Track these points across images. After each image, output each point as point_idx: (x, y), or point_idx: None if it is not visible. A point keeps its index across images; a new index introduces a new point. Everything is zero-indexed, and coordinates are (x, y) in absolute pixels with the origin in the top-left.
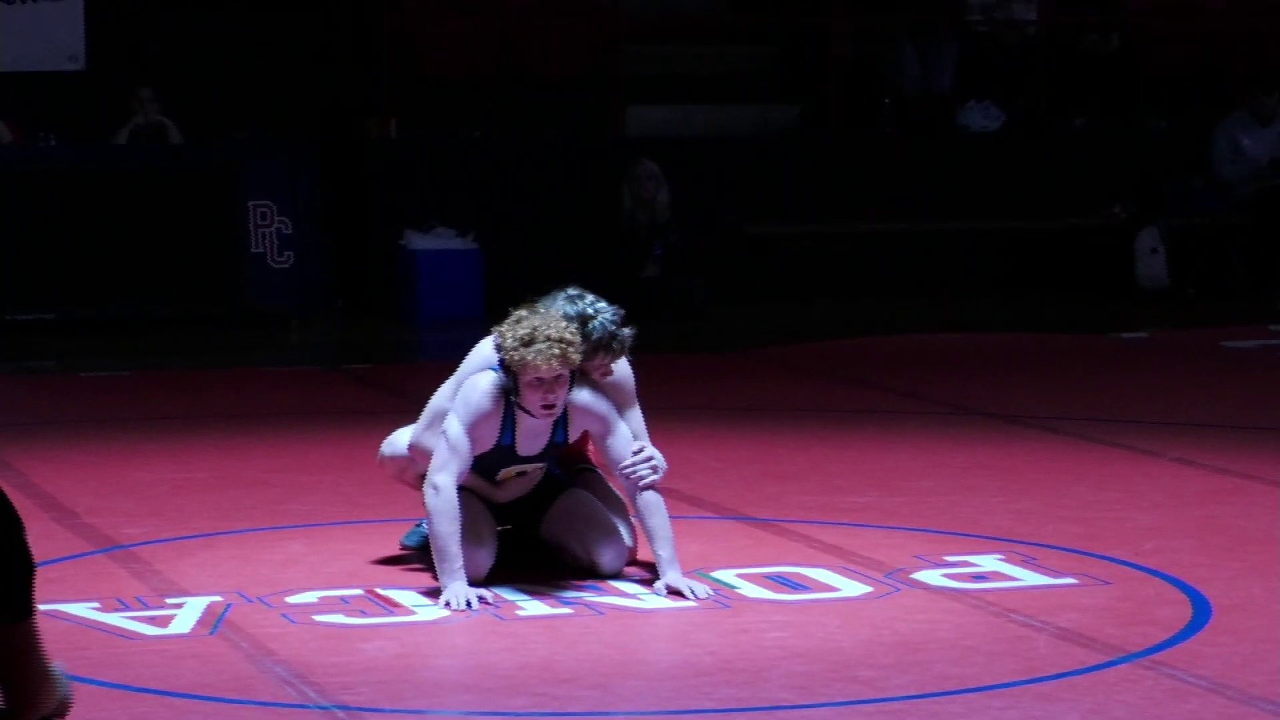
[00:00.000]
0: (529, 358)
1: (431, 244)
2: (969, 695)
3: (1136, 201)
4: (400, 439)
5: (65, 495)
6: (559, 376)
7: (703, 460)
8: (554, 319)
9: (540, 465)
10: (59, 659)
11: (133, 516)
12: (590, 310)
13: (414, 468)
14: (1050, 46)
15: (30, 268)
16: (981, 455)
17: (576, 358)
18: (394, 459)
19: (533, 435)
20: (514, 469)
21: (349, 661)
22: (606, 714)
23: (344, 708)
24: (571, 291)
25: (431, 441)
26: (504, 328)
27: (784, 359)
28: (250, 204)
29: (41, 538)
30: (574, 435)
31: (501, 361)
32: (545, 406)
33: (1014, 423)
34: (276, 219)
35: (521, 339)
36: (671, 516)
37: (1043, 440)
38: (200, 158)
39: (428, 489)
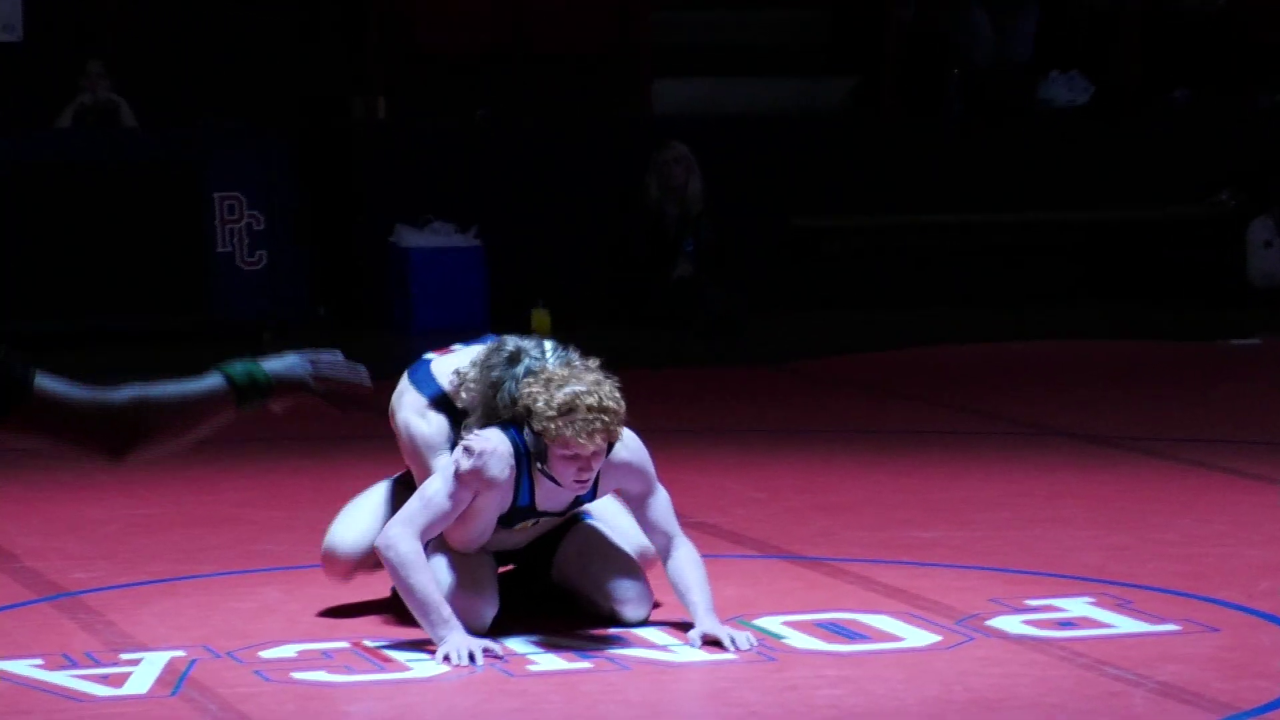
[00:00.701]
0: (568, 433)
1: (427, 241)
2: None
3: (1246, 188)
4: (351, 527)
5: (3, 536)
6: (599, 452)
7: (741, 490)
8: (591, 379)
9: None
10: None
11: (82, 559)
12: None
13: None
14: (1145, 9)
15: None
16: (1067, 482)
17: (619, 431)
18: (347, 556)
19: (555, 494)
20: (531, 521)
21: None
22: None
23: None
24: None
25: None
26: (534, 386)
27: (835, 373)
28: (216, 196)
29: None
30: (604, 493)
31: (518, 412)
32: (578, 481)
33: (1104, 444)
34: (246, 213)
35: (559, 407)
36: (706, 555)
37: (1138, 464)
38: (158, 143)
39: (380, 544)
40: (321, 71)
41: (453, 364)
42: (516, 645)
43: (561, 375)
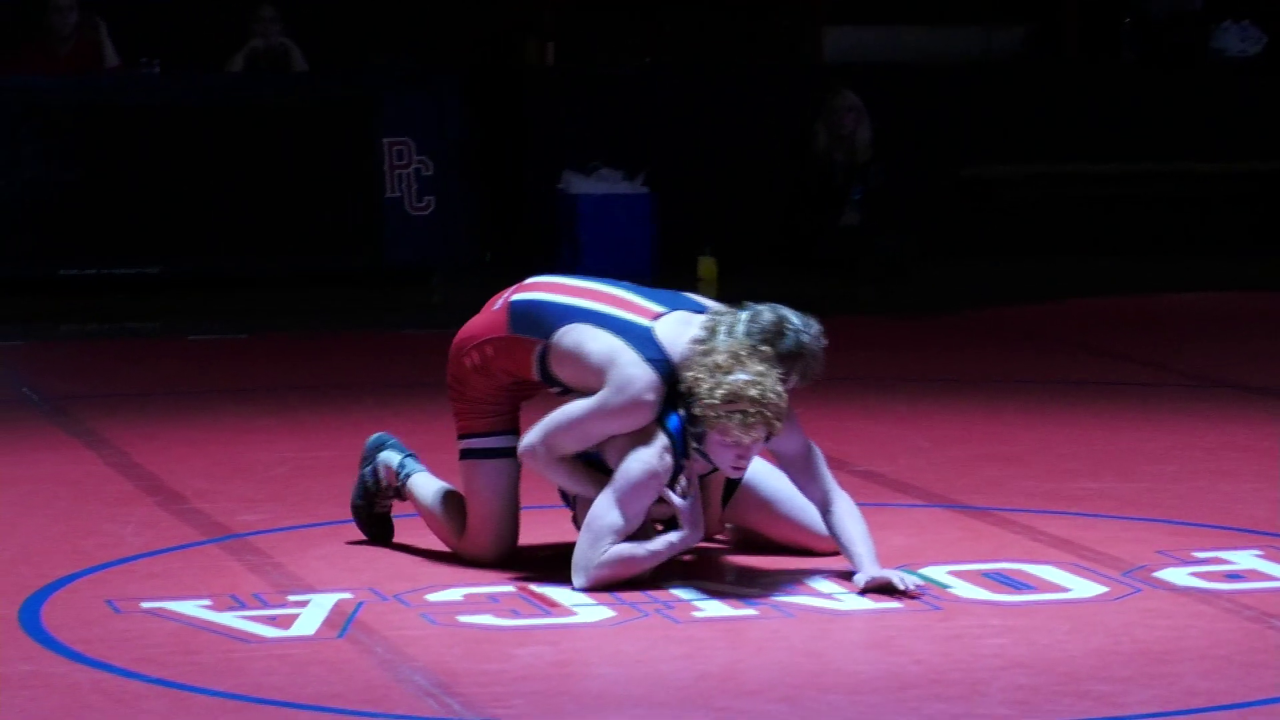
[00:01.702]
0: (732, 426)
1: (594, 188)
2: (1222, 713)
3: None
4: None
5: (172, 477)
6: (758, 441)
7: (909, 440)
8: (757, 370)
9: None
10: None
11: (250, 502)
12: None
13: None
14: None
15: (132, 215)
16: (1237, 434)
17: (780, 425)
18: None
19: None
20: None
21: (499, 670)
22: None
23: None
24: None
25: (569, 445)
26: (699, 370)
27: (1004, 322)
28: (386, 142)
29: (145, 525)
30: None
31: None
32: (736, 467)
33: (1272, 397)
34: (415, 159)
35: (723, 398)
36: (872, 504)
37: None
38: (328, 88)
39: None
40: (491, 16)
41: (679, 332)
42: (682, 592)
43: (728, 362)
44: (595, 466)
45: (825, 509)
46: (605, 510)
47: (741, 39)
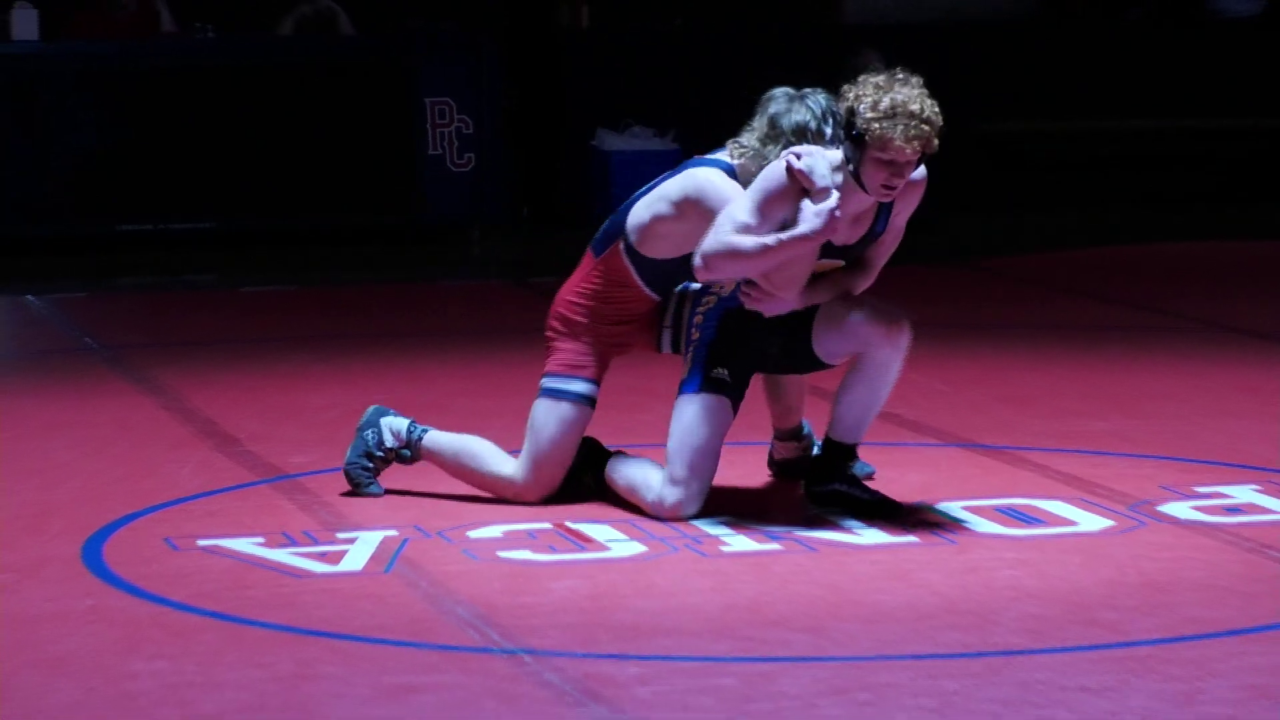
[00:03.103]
0: (892, 135)
1: (627, 145)
2: (1222, 639)
3: None
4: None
5: (227, 421)
6: (911, 162)
7: (926, 382)
8: (918, 91)
9: (830, 285)
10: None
11: (300, 444)
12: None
13: None
14: None
15: (187, 172)
16: (1237, 376)
17: (936, 144)
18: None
19: (852, 222)
20: (827, 263)
21: (536, 602)
22: (819, 659)
23: (531, 652)
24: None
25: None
26: (863, 89)
27: (1018, 271)
28: (428, 101)
29: (201, 467)
30: (894, 220)
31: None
32: (886, 187)
33: (1271, 340)
34: (456, 118)
35: (885, 110)
36: (891, 444)
37: None
38: (373, 50)
39: (700, 263)
40: None
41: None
42: (708, 527)
43: (889, 82)
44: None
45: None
46: (739, 206)
47: (767, 2)
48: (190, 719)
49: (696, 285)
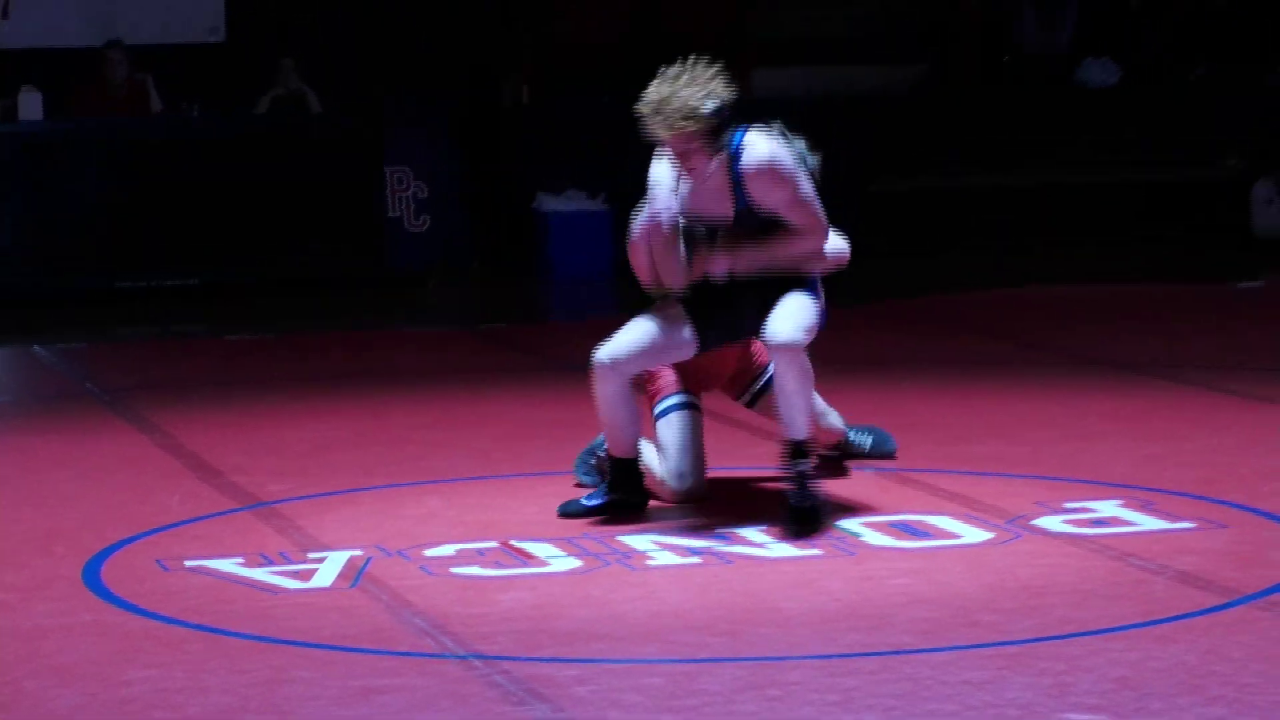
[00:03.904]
0: (647, 126)
1: (563, 206)
2: (1089, 638)
3: (1252, 153)
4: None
5: (211, 455)
6: (676, 146)
7: None
8: (667, 86)
9: (755, 248)
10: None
11: (277, 475)
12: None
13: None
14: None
15: (177, 234)
16: (1102, 404)
17: (678, 124)
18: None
19: (709, 195)
20: (704, 232)
21: (485, 612)
22: (736, 660)
23: (481, 657)
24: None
25: None
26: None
27: (906, 312)
28: (388, 169)
29: (189, 496)
30: (758, 201)
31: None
32: (688, 169)
33: (1134, 371)
34: (413, 184)
35: (642, 107)
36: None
37: (1162, 388)
38: (339, 125)
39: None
40: (475, 61)
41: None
42: (636, 543)
43: (659, 78)
44: None
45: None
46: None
47: None
48: None
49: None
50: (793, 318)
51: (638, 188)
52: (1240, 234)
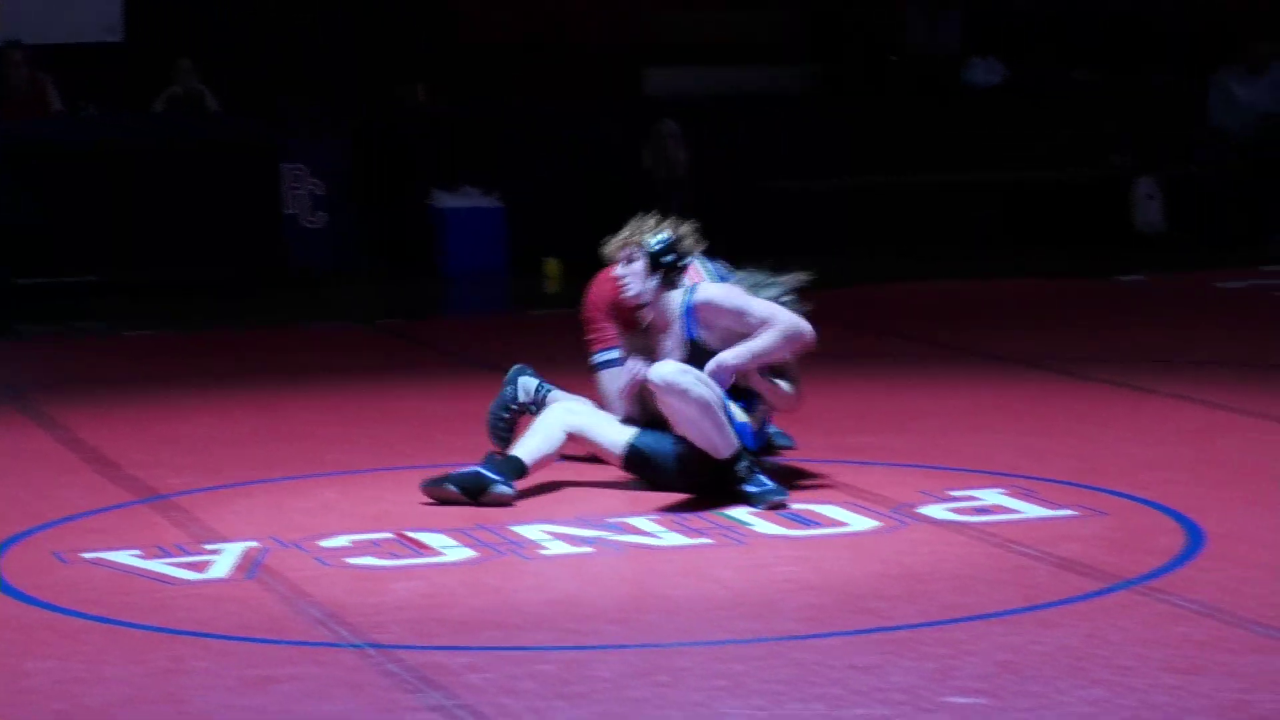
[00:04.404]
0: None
1: (458, 202)
2: (972, 623)
3: (1134, 152)
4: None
5: (110, 449)
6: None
7: None
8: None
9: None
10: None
11: (175, 468)
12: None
13: None
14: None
15: (75, 232)
16: (985, 395)
17: (615, 253)
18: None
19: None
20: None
21: (380, 602)
22: (627, 647)
23: (376, 646)
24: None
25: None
26: None
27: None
28: (284, 167)
29: (87, 490)
30: (705, 336)
31: None
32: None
33: (1017, 364)
34: (309, 181)
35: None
36: None
37: (1044, 380)
38: (235, 123)
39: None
40: (374, 62)
41: None
42: (528, 533)
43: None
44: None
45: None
46: None
47: (580, 80)
48: (77, 711)
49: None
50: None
51: (529, 184)
52: (1123, 230)
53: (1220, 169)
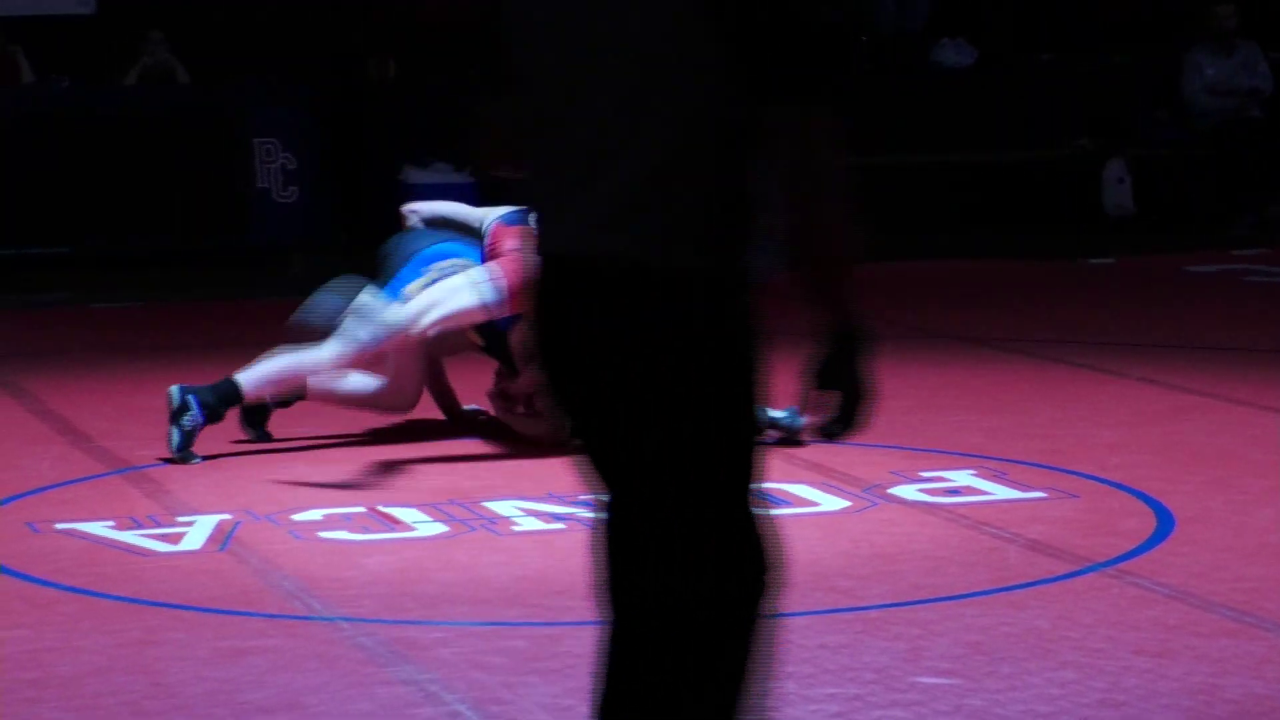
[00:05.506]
0: None
1: (429, 178)
2: (943, 604)
3: (1103, 134)
4: None
5: (80, 420)
6: None
7: None
8: None
9: None
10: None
11: (146, 440)
12: None
13: None
14: None
15: (45, 204)
16: (954, 376)
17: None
18: None
19: None
20: None
21: (352, 576)
22: (597, 624)
23: (347, 619)
24: None
25: None
26: None
27: (767, 287)
28: (255, 141)
29: (58, 460)
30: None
31: None
32: None
33: (985, 345)
34: (281, 155)
35: None
36: None
37: (1013, 362)
38: (208, 96)
39: None
40: (343, 37)
41: None
42: (500, 509)
43: None
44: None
45: None
46: None
47: None
48: (50, 679)
49: None
50: None
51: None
52: (1091, 213)
53: (1189, 149)
